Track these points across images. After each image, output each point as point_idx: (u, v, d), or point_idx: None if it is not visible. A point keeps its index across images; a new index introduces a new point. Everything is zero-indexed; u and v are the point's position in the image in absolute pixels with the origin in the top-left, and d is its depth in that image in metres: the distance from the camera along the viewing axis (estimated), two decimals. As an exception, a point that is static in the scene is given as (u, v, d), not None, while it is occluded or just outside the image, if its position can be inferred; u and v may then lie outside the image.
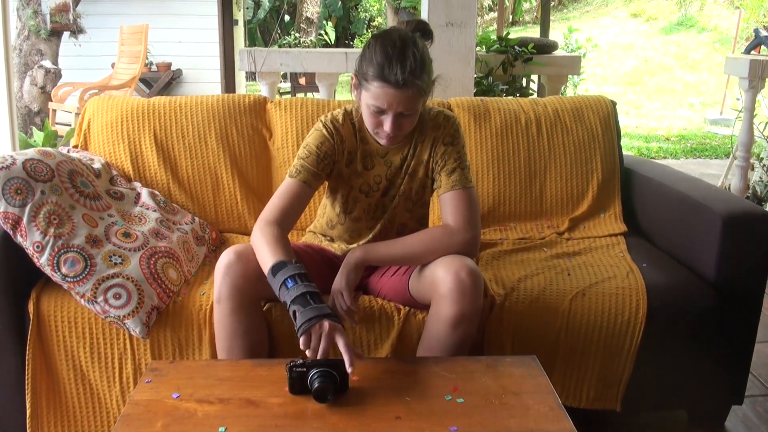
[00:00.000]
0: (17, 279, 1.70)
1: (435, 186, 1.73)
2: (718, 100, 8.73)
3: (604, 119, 2.33)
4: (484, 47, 3.65)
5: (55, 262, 1.63)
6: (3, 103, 2.86)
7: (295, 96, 7.83)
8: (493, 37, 3.72)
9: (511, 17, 12.92)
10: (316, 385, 1.26)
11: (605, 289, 1.79)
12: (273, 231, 1.53)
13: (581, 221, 2.25)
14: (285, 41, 13.13)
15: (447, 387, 1.33)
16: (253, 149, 2.19)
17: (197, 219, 2.07)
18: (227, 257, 1.55)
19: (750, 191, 3.89)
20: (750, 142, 3.74)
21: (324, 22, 13.75)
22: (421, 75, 1.52)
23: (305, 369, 1.28)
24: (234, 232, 2.16)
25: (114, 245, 1.71)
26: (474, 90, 3.14)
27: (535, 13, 13.75)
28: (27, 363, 1.69)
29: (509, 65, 3.54)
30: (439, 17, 2.85)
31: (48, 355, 1.72)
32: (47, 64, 5.59)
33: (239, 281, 1.53)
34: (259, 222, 1.57)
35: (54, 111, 5.60)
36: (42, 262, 1.63)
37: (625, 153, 2.42)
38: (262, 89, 3.48)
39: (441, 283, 1.52)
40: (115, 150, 2.13)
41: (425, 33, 1.62)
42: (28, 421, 1.72)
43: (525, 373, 1.39)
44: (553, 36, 6.98)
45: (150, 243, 1.77)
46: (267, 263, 1.45)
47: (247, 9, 11.61)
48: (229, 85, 7.13)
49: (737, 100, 7.07)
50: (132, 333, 1.66)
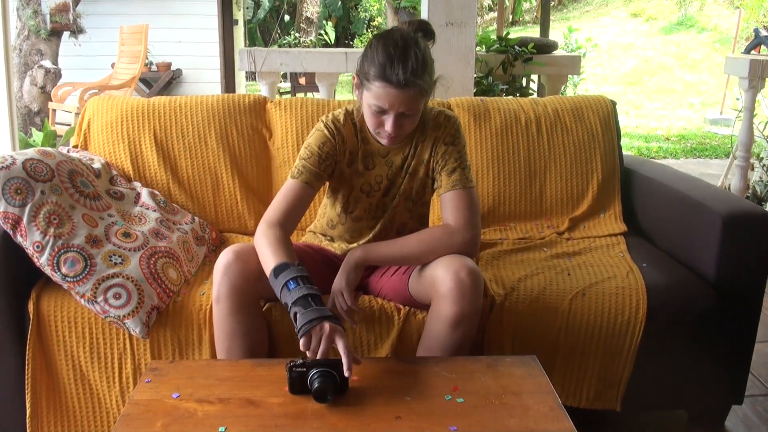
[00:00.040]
0: (17, 279, 1.70)
1: (435, 186, 1.73)
2: (718, 99, 8.73)
3: (604, 119, 2.33)
4: (484, 47, 3.65)
5: (55, 261, 1.63)
6: (3, 103, 2.86)
7: (295, 96, 7.83)
8: (493, 37, 3.72)
9: (511, 17, 12.93)
10: (315, 386, 1.26)
11: (605, 289, 1.79)
12: (275, 233, 1.53)
13: (581, 221, 2.25)
14: (285, 41, 13.13)
15: (447, 387, 1.33)
16: (253, 149, 2.19)
17: (197, 219, 2.07)
18: (226, 257, 1.55)
19: (750, 191, 3.89)
20: (750, 141, 3.74)
21: (324, 21, 13.76)
22: (423, 75, 1.52)
23: (305, 369, 1.29)
24: (234, 232, 2.16)
25: (114, 245, 1.71)
26: (474, 90, 3.14)
27: (535, 13, 13.75)
28: (27, 363, 1.69)
29: (509, 65, 3.54)
30: (439, 17, 2.84)
31: (48, 355, 1.72)
32: (47, 64, 5.60)
33: (238, 281, 1.53)
34: (262, 224, 1.58)
35: (54, 111, 5.60)
36: (42, 262, 1.63)
37: (625, 153, 2.42)
38: (262, 89, 3.48)
39: (441, 283, 1.52)
40: (115, 150, 2.13)
41: (427, 33, 1.62)
42: (28, 421, 1.72)
43: (525, 373, 1.39)
44: (553, 36, 6.98)
45: (150, 243, 1.77)
46: (269, 265, 1.46)
47: (247, 9, 11.61)
48: (229, 85, 7.14)
49: (737, 99, 7.08)
50: (132, 333, 1.66)
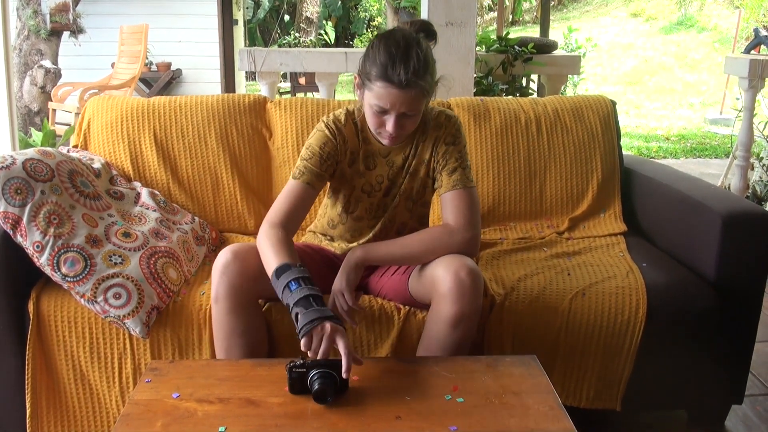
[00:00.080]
0: (17, 279, 1.70)
1: (436, 186, 1.73)
2: (717, 99, 8.73)
3: (603, 119, 2.33)
4: (483, 47, 3.65)
5: (55, 261, 1.63)
6: (3, 103, 2.86)
7: (295, 96, 7.83)
8: (493, 37, 3.72)
9: (511, 17, 12.92)
10: (316, 387, 1.26)
11: (605, 289, 1.79)
12: (277, 233, 1.53)
13: (581, 221, 2.25)
14: (285, 41, 13.13)
15: (447, 387, 1.33)
16: (253, 149, 2.19)
17: (197, 219, 2.07)
18: (224, 256, 1.55)
19: (750, 191, 3.89)
20: (750, 141, 3.74)
21: (324, 21, 13.76)
22: (425, 76, 1.52)
23: (305, 369, 1.28)
24: (234, 231, 2.16)
25: (114, 245, 1.71)
26: (474, 90, 3.14)
27: (535, 13, 13.75)
28: (27, 363, 1.69)
29: (509, 65, 3.54)
30: (439, 17, 2.84)
31: (48, 355, 1.72)
32: (47, 63, 5.60)
33: (237, 280, 1.53)
34: (264, 224, 1.58)
35: (54, 111, 5.60)
36: (42, 261, 1.63)
37: (625, 153, 2.42)
38: (261, 89, 3.48)
39: (441, 283, 1.52)
40: (115, 150, 2.13)
41: (429, 33, 1.61)
42: (28, 421, 1.72)
43: (525, 373, 1.39)
44: (553, 36, 6.98)
45: (150, 243, 1.77)
46: (271, 266, 1.46)
47: (247, 9, 11.61)
48: (229, 85, 7.14)
49: (737, 99, 7.08)
50: (132, 333, 1.66)
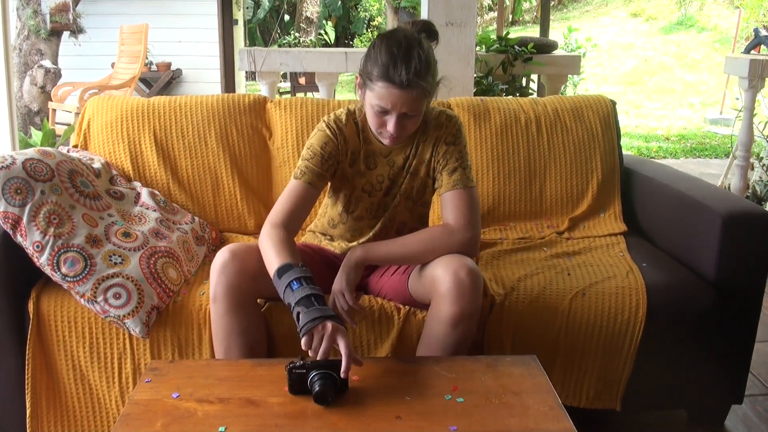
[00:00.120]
0: (17, 279, 1.70)
1: (436, 185, 1.73)
2: (717, 99, 8.73)
3: (603, 119, 2.33)
4: (483, 47, 3.65)
5: (55, 261, 1.63)
6: (3, 103, 2.86)
7: (295, 96, 7.83)
8: (493, 37, 3.72)
9: (511, 17, 12.93)
10: (316, 388, 1.25)
11: (605, 289, 1.79)
12: (279, 233, 1.53)
13: (581, 221, 2.25)
14: (285, 41, 13.14)
15: (447, 386, 1.33)
16: (253, 149, 2.19)
17: (197, 219, 2.07)
18: (222, 256, 1.55)
19: (750, 191, 3.89)
20: (750, 141, 3.74)
21: (324, 21, 13.76)
22: (426, 76, 1.52)
23: (305, 370, 1.28)
24: (234, 231, 2.16)
25: (114, 245, 1.71)
26: (474, 90, 3.14)
27: (535, 13, 13.75)
28: (27, 362, 1.69)
29: (509, 65, 3.54)
30: (439, 17, 2.84)
31: (48, 355, 1.72)
32: (47, 63, 5.60)
33: (235, 280, 1.53)
34: (266, 224, 1.58)
35: (54, 111, 5.60)
36: (42, 261, 1.63)
37: (625, 153, 2.42)
38: (261, 89, 3.48)
39: (440, 283, 1.52)
40: (115, 150, 2.13)
41: (431, 34, 1.61)
42: (28, 421, 1.72)
43: (525, 373, 1.39)
44: (553, 36, 6.98)
45: (150, 243, 1.77)
46: (273, 265, 1.46)
47: (247, 9, 11.61)
48: (229, 85, 7.13)
49: (737, 99, 7.08)
50: (132, 333, 1.66)
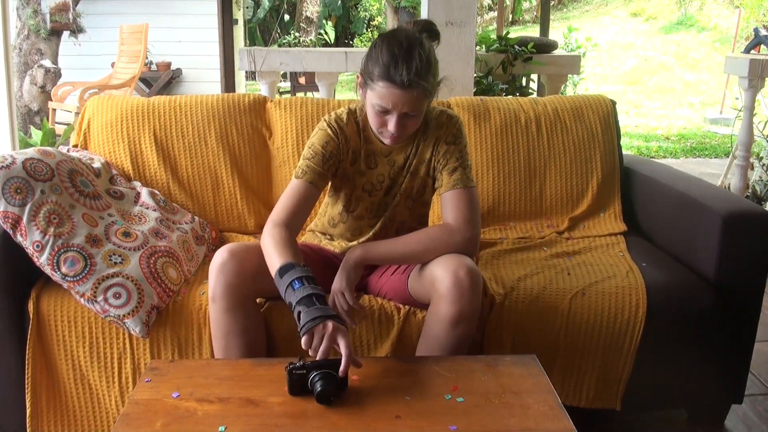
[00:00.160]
0: (17, 278, 1.70)
1: (436, 185, 1.73)
2: (717, 99, 8.73)
3: (603, 118, 2.33)
4: (483, 46, 3.65)
5: (55, 261, 1.63)
6: (3, 103, 2.86)
7: (295, 95, 7.82)
8: (493, 37, 3.72)
9: (511, 16, 12.94)
10: (318, 388, 1.25)
11: (605, 289, 1.79)
12: (281, 233, 1.53)
13: (581, 220, 2.25)
14: (285, 40, 13.14)
15: (447, 386, 1.33)
16: (253, 149, 2.19)
17: (197, 218, 2.07)
18: (221, 256, 1.55)
19: (750, 190, 3.89)
20: (750, 141, 3.74)
21: (324, 21, 13.76)
22: (427, 76, 1.52)
23: (305, 371, 1.28)
24: (234, 231, 2.16)
25: (114, 244, 1.71)
26: (474, 89, 3.14)
27: (535, 13, 13.75)
28: (27, 362, 1.69)
29: (509, 64, 3.54)
30: (439, 16, 2.84)
31: (48, 355, 1.72)
32: (47, 63, 5.60)
33: (233, 279, 1.53)
34: (268, 224, 1.58)
35: (54, 110, 5.60)
36: (42, 261, 1.63)
37: (625, 152, 2.42)
38: (261, 89, 3.47)
39: (440, 283, 1.52)
40: (115, 149, 2.13)
41: (432, 33, 1.61)
42: (28, 420, 1.72)
43: (525, 373, 1.39)
44: (553, 35, 6.98)
45: (150, 242, 1.77)
46: (275, 265, 1.46)
47: (247, 8, 11.61)
48: (229, 85, 7.13)
49: (736, 99, 7.08)
50: (132, 332, 1.66)
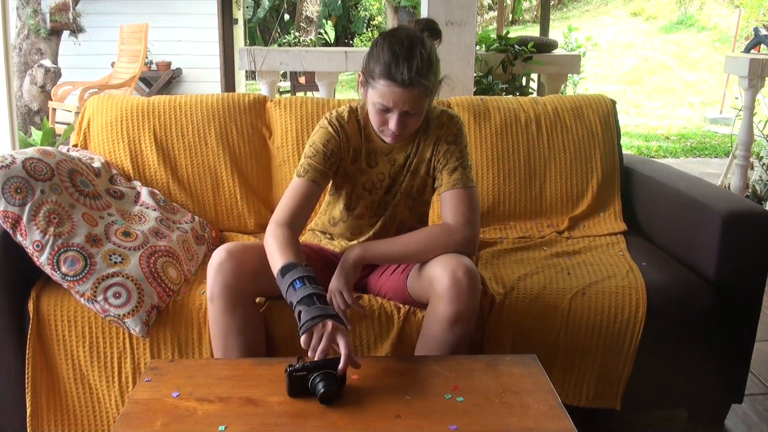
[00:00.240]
0: (17, 278, 1.70)
1: (436, 185, 1.73)
2: (717, 99, 8.73)
3: (603, 118, 2.33)
4: (483, 46, 3.65)
5: (55, 261, 1.63)
6: (3, 102, 2.86)
7: (295, 95, 7.82)
8: (493, 36, 3.71)
9: (511, 16, 12.94)
10: (320, 389, 1.25)
11: (605, 288, 1.79)
12: (283, 233, 1.53)
13: (581, 220, 2.25)
14: (285, 40, 13.14)
15: (447, 386, 1.33)
16: (253, 148, 2.19)
17: (197, 218, 2.07)
18: (219, 255, 1.55)
19: (750, 190, 3.89)
20: (750, 141, 3.74)
21: (324, 21, 13.76)
22: (428, 75, 1.52)
23: (305, 372, 1.28)
24: (234, 231, 2.16)
25: (114, 244, 1.71)
26: (474, 89, 3.14)
27: (535, 12, 13.75)
28: (27, 362, 1.69)
29: (509, 64, 3.54)
30: (439, 16, 2.84)
31: (48, 354, 1.72)
32: (47, 63, 5.60)
33: (231, 279, 1.53)
34: (270, 224, 1.58)
35: (54, 110, 5.60)
36: (42, 261, 1.63)
37: (625, 152, 2.42)
38: (261, 88, 3.47)
39: (438, 282, 1.52)
40: (115, 149, 2.13)
41: (433, 32, 1.61)
42: (28, 420, 1.72)
43: (525, 372, 1.39)
44: (553, 35, 6.98)
45: (150, 242, 1.77)
46: (277, 265, 1.46)
47: (247, 8, 11.61)
48: (229, 84, 7.14)
49: (736, 99, 7.08)
50: (132, 332, 1.66)
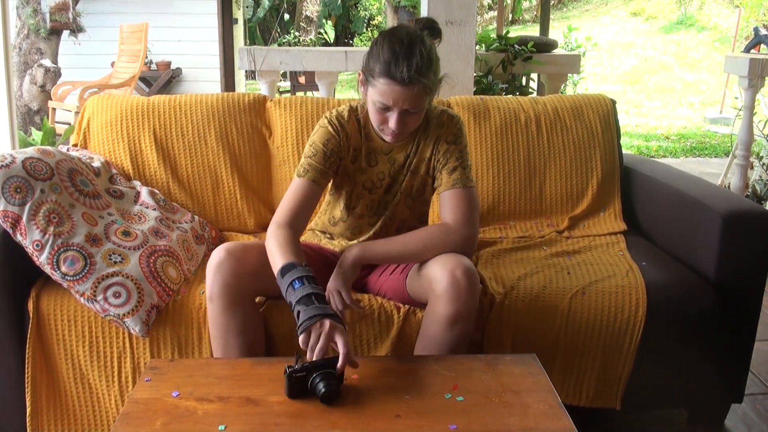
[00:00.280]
0: (17, 278, 1.70)
1: (436, 184, 1.73)
2: (717, 98, 8.73)
3: (603, 118, 2.33)
4: (483, 46, 3.65)
5: (55, 260, 1.63)
6: (3, 102, 2.86)
7: (295, 95, 7.82)
8: (493, 36, 3.72)
9: (511, 16, 12.94)
10: (321, 389, 1.25)
11: (605, 288, 1.79)
12: (284, 233, 1.54)
13: (581, 220, 2.25)
14: (284, 40, 13.14)
15: (447, 385, 1.33)
16: (253, 148, 2.19)
17: (197, 218, 2.07)
18: (218, 255, 1.55)
19: (750, 190, 3.89)
20: (749, 140, 3.74)
21: (323, 20, 13.76)
22: (427, 73, 1.52)
23: (305, 373, 1.28)
24: (233, 230, 2.16)
25: (114, 244, 1.71)
26: (474, 89, 3.14)
27: (535, 12, 13.75)
28: (27, 361, 1.69)
29: (509, 64, 3.54)
30: (439, 16, 2.84)
31: (48, 354, 1.72)
32: (47, 62, 5.60)
33: (230, 279, 1.53)
34: (272, 225, 1.58)
35: (54, 110, 5.60)
36: (41, 260, 1.63)
37: (625, 152, 2.42)
38: (261, 88, 3.47)
39: (437, 282, 1.52)
40: (115, 148, 2.13)
41: (433, 31, 1.61)
42: (28, 420, 1.72)
43: (525, 372, 1.39)
44: (553, 35, 6.98)
45: (150, 241, 1.77)
46: (277, 265, 1.46)
47: (247, 8, 11.61)
48: (229, 84, 7.13)
49: (736, 98, 7.08)
50: (132, 331, 1.66)
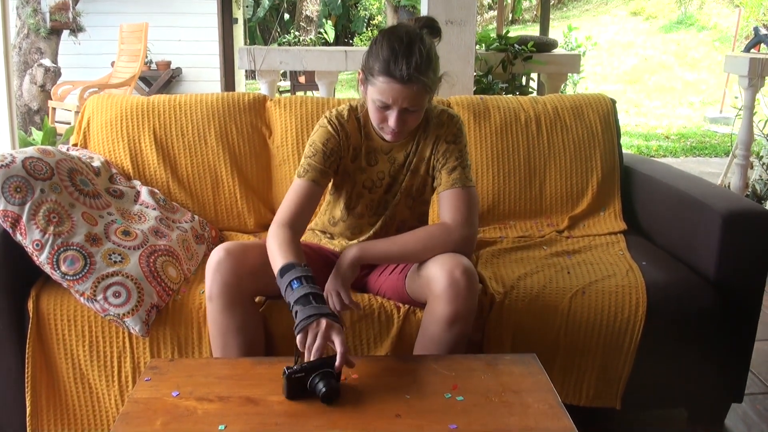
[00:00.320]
0: (17, 277, 1.70)
1: (435, 184, 1.73)
2: (717, 98, 8.73)
3: (603, 117, 2.33)
4: (483, 45, 3.64)
5: (55, 260, 1.63)
6: (3, 102, 2.86)
7: (295, 94, 7.82)
8: (493, 36, 3.71)
9: (511, 15, 12.94)
10: (322, 389, 1.25)
11: (605, 287, 1.79)
12: (284, 233, 1.54)
13: (581, 219, 2.25)
14: (284, 39, 13.14)
15: (447, 385, 1.33)
16: (253, 147, 2.19)
17: (197, 217, 2.07)
18: (217, 254, 1.55)
19: (750, 189, 3.89)
20: (749, 140, 3.74)
21: (323, 20, 13.76)
22: (427, 71, 1.52)
23: (304, 374, 1.27)
24: (233, 230, 2.16)
25: (113, 243, 1.71)
26: (474, 88, 3.14)
27: (535, 12, 13.75)
28: (27, 361, 1.69)
29: (509, 63, 3.54)
30: (439, 15, 2.83)
31: (48, 354, 1.72)
32: (47, 62, 5.60)
33: (230, 278, 1.53)
34: (272, 225, 1.58)
35: (54, 109, 5.60)
36: (41, 260, 1.63)
37: (625, 151, 2.41)
38: (261, 87, 3.47)
39: (436, 282, 1.52)
40: (115, 148, 2.13)
41: (433, 30, 1.61)
42: (28, 419, 1.72)
43: (525, 371, 1.39)
44: (553, 34, 6.98)
45: (149, 241, 1.77)
46: (277, 265, 1.46)
47: (247, 7, 11.61)
48: (229, 84, 7.13)
49: (736, 98, 7.08)
50: (132, 331, 1.66)
